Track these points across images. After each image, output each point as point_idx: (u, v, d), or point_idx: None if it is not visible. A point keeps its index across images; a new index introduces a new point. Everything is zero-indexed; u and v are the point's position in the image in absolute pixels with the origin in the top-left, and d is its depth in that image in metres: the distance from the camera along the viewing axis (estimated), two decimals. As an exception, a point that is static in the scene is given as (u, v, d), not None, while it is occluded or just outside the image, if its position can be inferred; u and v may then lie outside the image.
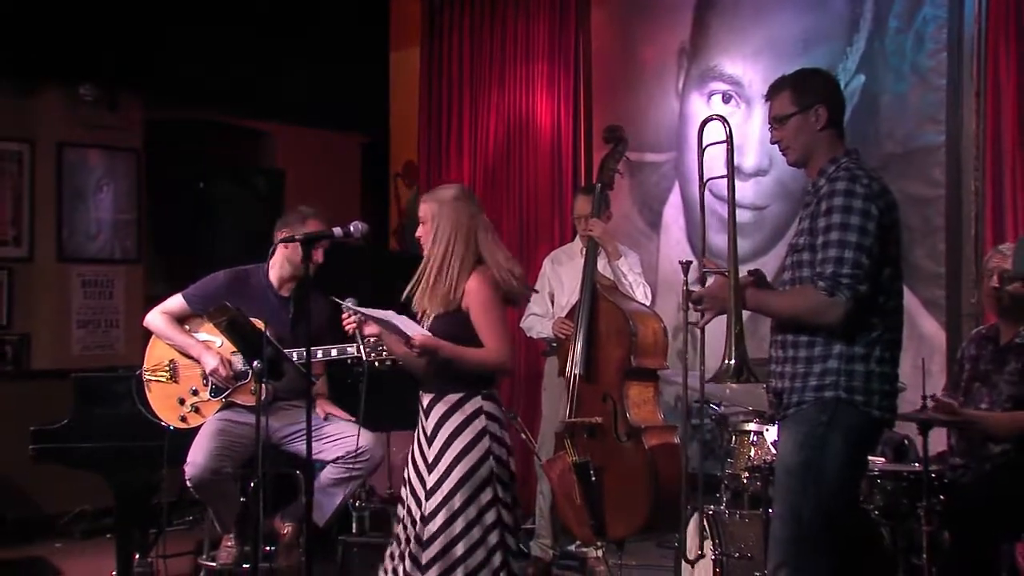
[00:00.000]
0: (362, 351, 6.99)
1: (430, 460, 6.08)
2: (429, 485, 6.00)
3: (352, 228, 6.03)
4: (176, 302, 7.49)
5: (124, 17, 10.54)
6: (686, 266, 6.84)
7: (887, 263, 5.14)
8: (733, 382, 6.68)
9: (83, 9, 10.35)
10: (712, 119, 6.36)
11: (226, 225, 8.55)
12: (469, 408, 6.03)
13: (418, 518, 6.01)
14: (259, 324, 6.76)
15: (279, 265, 7.46)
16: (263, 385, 6.16)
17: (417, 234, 6.14)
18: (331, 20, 11.99)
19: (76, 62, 10.80)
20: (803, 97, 5.40)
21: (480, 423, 6.01)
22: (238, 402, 7.28)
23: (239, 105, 11.90)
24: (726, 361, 5.73)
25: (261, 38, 11.37)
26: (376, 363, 6.98)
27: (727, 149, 6.17)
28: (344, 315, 6.06)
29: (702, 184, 6.41)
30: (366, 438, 7.36)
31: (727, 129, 6.55)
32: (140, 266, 11.61)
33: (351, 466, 7.30)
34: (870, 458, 7.17)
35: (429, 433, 6.13)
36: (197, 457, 7.05)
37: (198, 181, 11.51)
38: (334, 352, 7.30)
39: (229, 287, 7.33)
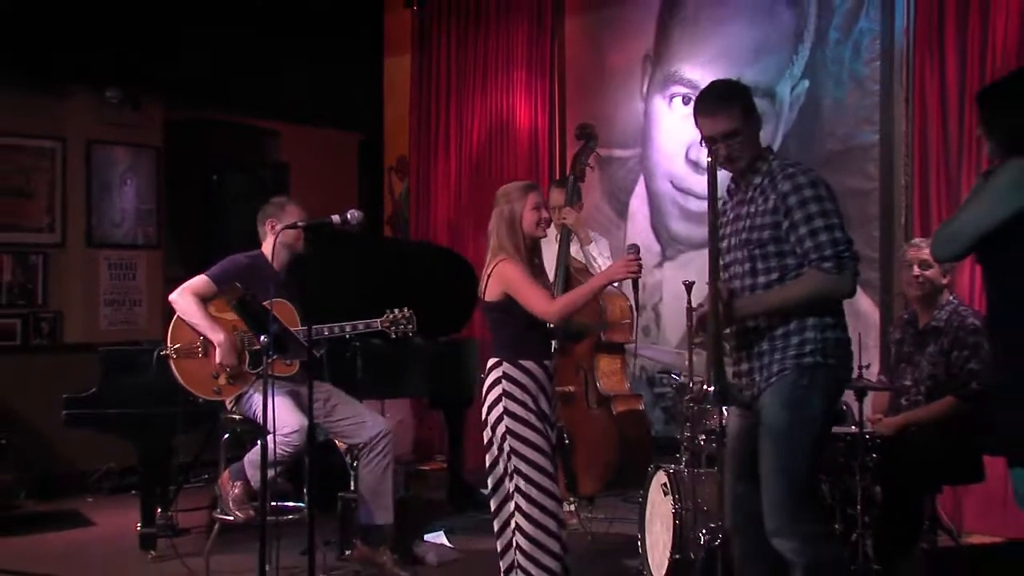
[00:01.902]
0: (380, 325, 7.12)
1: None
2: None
3: (349, 216, 6.05)
4: (203, 282, 7.32)
5: (146, 27, 10.55)
6: (689, 286, 6.85)
7: None
8: (718, 405, 6.72)
9: (109, 20, 10.36)
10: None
11: (236, 214, 8.62)
12: None
13: None
14: (284, 304, 6.89)
15: (278, 252, 7.28)
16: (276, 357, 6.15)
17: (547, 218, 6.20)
18: (331, 30, 12.00)
19: (103, 68, 10.80)
20: (750, 108, 5.25)
21: None
22: (279, 372, 7.09)
23: (248, 106, 11.88)
24: (707, 388, 5.74)
25: (268, 46, 11.35)
26: (395, 335, 7.14)
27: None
28: (632, 256, 5.91)
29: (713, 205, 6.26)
30: (381, 422, 7.41)
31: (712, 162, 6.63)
32: (160, 251, 11.59)
33: (379, 454, 7.28)
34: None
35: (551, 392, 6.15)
36: (304, 422, 6.89)
37: (211, 174, 11.56)
38: (361, 326, 7.35)
39: (248, 270, 7.22)
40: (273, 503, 7.16)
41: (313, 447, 6.39)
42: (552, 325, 6.10)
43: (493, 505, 6.11)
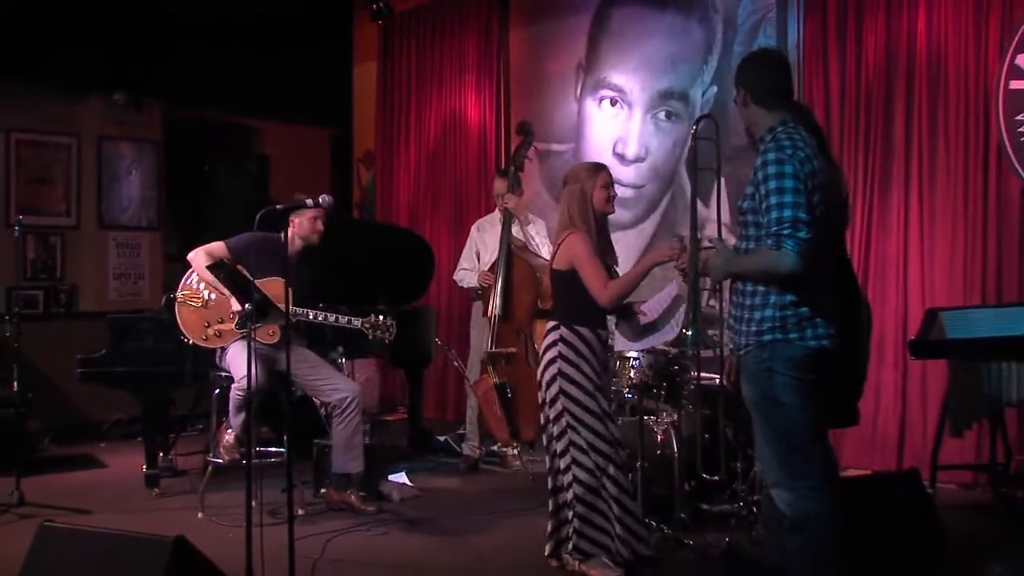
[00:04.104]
0: (361, 325, 7.01)
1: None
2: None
3: (321, 200, 5.95)
4: (219, 246, 7.29)
5: (147, 41, 10.57)
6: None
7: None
8: (692, 349, 6.70)
9: (116, 36, 10.38)
10: (704, 117, 5.71)
11: (225, 199, 8.67)
12: None
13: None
14: (279, 282, 6.88)
15: (292, 240, 7.31)
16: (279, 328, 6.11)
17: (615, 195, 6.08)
18: (307, 42, 11.97)
19: (111, 75, 10.86)
20: (736, 83, 4.95)
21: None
22: (263, 340, 7.12)
23: (236, 107, 11.87)
24: (685, 331, 5.65)
25: (253, 56, 11.33)
26: (371, 337, 7.06)
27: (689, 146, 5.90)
28: (676, 243, 5.64)
29: (694, 171, 6.08)
30: (352, 387, 7.34)
31: (715, 126, 6.43)
32: (160, 232, 11.59)
33: (349, 415, 7.20)
34: (717, 378, 7.38)
35: (603, 360, 5.96)
36: (253, 373, 7.00)
37: (203, 166, 11.60)
38: (342, 320, 7.15)
39: (259, 245, 7.07)
40: (258, 448, 7.24)
41: (289, 400, 6.41)
42: (604, 304, 5.82)
43: (548, 463, 6.00)
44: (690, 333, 5.40)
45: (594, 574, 5.78)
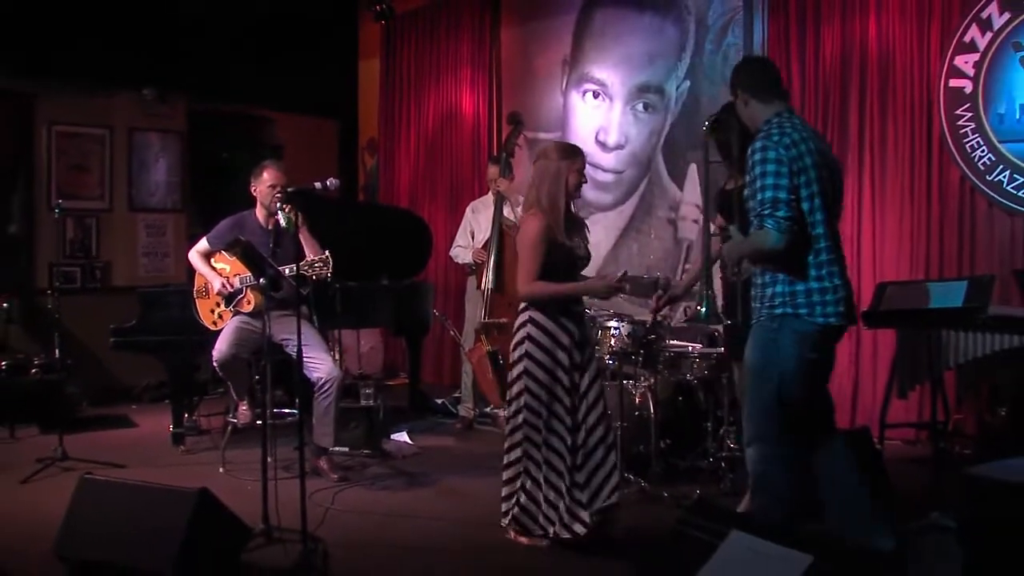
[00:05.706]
0: (301, 269, 6.46)
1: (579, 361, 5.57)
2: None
3: (328, 183, 5.92)
4: (202, 244, 7.44)
5: (173, 41, 10.61)
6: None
7: (804, 199, 4.66)
8: (703, 323, 6.70)
9: (144, 38, 10.43)
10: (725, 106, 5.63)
11: (242, 185, 8.65)
12: None
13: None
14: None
15: (259, 208, 7.36)
16: (259, 294, 6.10)
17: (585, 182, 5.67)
18: (317, 41, 11.99)
19: (141, 73, 10.91)
20: (733, 88, 4.99)
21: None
22: (241, 309, 7.24)
23: (251, 100, 11.88)
24: (698, 308, 5.69)
25: (267, 54, 11.33)
26: (314, 276, 6.62)
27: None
28: (617, 281, 5.49)
29: (706, 163, 6.12)
30: (330, 370, 7.09)
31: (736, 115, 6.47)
32: (184, 214, 11.61)
33: (324, 393, 7.02)
34: (691, 345, 7.45)
35: (580, 339, 5.57)
36: (222, 346, 7.05)
37: (222, 154, 11.65)
38: (286, 271, 6.57)
39: (232, 228, 7.22)
40: (275, 410, 7.32)
41: (300, 367, 6.42)
42: (519, 294, 5.54)
43: (506, 443, 5.66)
44: (703, 309, 5.45)
45: (523, 541, 5.58)
